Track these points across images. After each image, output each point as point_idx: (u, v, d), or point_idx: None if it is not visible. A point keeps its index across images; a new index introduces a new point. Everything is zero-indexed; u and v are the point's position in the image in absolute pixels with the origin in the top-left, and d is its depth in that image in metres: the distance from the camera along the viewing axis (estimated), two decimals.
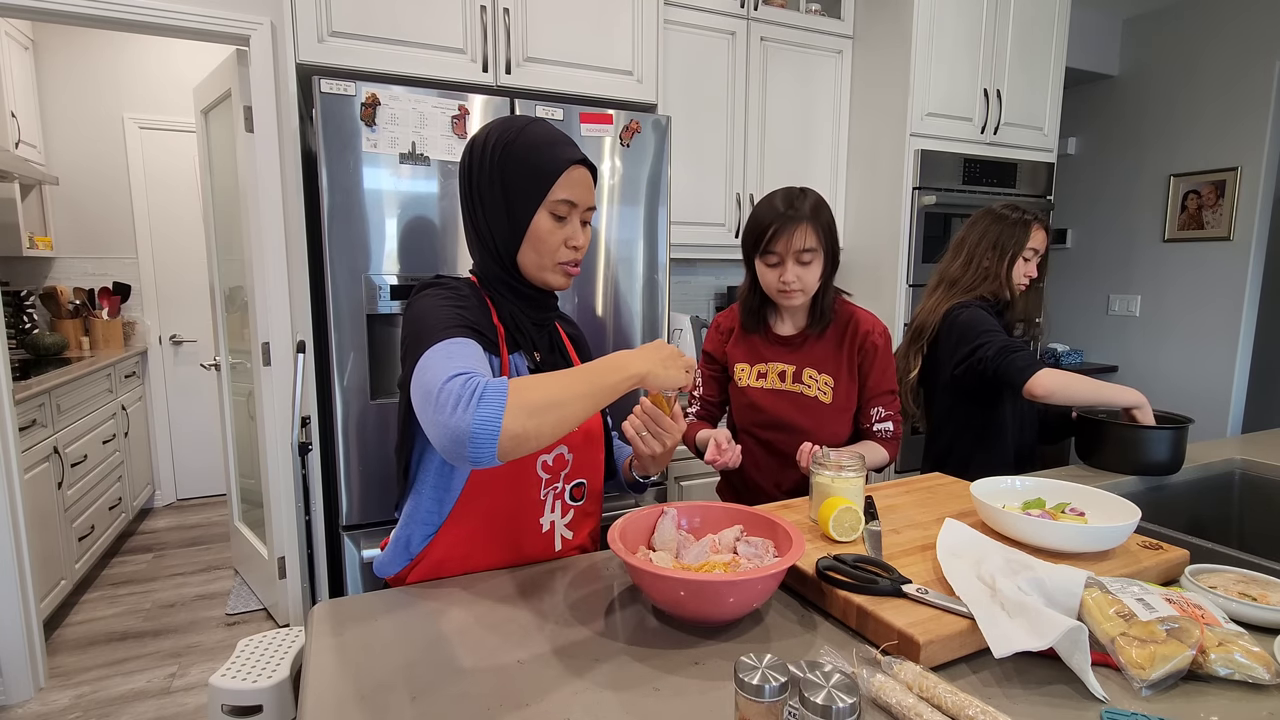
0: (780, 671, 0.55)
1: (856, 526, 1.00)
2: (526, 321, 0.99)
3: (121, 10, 1.96)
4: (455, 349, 0.81)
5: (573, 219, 0.95)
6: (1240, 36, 3.15)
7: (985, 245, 1.67)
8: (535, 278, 0.97)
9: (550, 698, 0.68)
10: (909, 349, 1.76)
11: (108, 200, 3.70)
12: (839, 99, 2.85)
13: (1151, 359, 3.56)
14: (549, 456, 1.00)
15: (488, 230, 0.95)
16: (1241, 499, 1.58)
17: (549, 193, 0.92)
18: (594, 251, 2.07)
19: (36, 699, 2.13)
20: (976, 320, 1.60)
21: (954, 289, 1.70)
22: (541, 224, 0.93)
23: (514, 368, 0.96)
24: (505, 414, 0.71)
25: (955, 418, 1.69)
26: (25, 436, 2.31)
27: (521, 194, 0.92)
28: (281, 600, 2.47)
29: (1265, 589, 0.86)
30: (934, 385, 1.73)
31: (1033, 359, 1.49)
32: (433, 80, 1.96)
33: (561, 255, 0.96)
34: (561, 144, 0.94)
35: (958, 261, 1.71)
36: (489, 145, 0.93)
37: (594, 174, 0.97)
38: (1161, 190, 3.48)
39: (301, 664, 1.02)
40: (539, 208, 0.92)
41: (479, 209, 0.95)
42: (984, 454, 1.64)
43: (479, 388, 0.73)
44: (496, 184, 0.93)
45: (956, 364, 1.60)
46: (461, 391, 0.72)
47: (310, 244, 2.02)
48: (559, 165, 0.91)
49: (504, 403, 0.72)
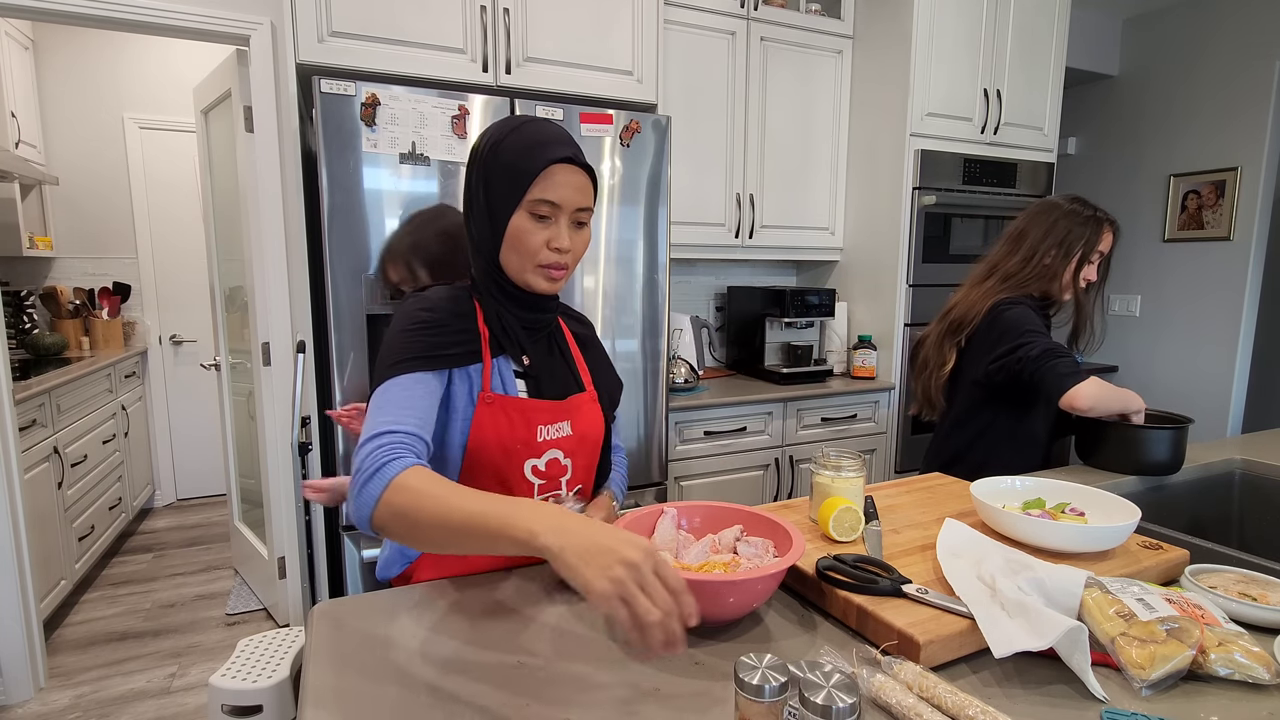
0: (780, 671, 0.55)
1: (856, 526, 1.00)
2: (515, 324, 0.97)
3: (121, 10, 1.96)
4: (396, 394, 0.85)
5: (557, 220, 0.91)
6: (1240, 36, 3.15)
7: (1051, 242, 1.55)
8: (518, 280, 0.95)
9: (550, 698, 0.68)
10: (944, 339, 1.65)
11: (108, 200, 3.70)
12: (839, 99, 2.85)
13: (1151, 359, 3.56)
14: (540, 462, 0.98)
15: (474, 230, 0.95)
16: (1241, 499, 1.58)
17: (527, 192, 0.89)
18: (594, 251, 2.07)
19: (36, 699, 2.13)
20: (1022, 319, 1.51)
21: (1007, 283, 1.58)
22: (520, 224, 0.90)
23: (497, 372, 0.95)
24: (377, 504, 0.76)
25: (981, 419, 1.59)
26: (25, 436, 2.31)
27: (500, 194, 0.91)
28: (281, 600, 2.47)
29: (1265, 589, 0.86)
30: (961, 381, 1.63)
31: (1076, 367, 1.40)
32: (433, 80, 1.96)
33: (543, 257, 0.92)
34: (550, 144, 0.90)
35: (1017, 256, 1.59)
36: (482, 146, 0.93)
37: (590, 174, 0.94)
38: (1161, 190, 3.48)
39: (301, 664, 1.02)
40: (517, 207, 0.90)
41: (470, 209, 0.95)
42: (1011, 460, 1.55)
43: (376, 466, 0.77)
44: (481, 184, 0.92)
45: (993, 360, 1.51)
46: (364, 465, 0.78)
47: (310, 244, 2.02)
48: (538, 164, 0.89)
49: (378, 496, 0.76)
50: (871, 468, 2.78)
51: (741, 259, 2.87)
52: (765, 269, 3.22)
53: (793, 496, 2.61)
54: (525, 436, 0.94)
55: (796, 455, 2.61)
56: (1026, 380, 1.46)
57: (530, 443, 0.95)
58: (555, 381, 1.00)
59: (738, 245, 2.73)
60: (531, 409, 0.95)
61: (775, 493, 2.58)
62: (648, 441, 2.24)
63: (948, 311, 1.68)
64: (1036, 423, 1.58)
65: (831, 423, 2.66)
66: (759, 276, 3.21)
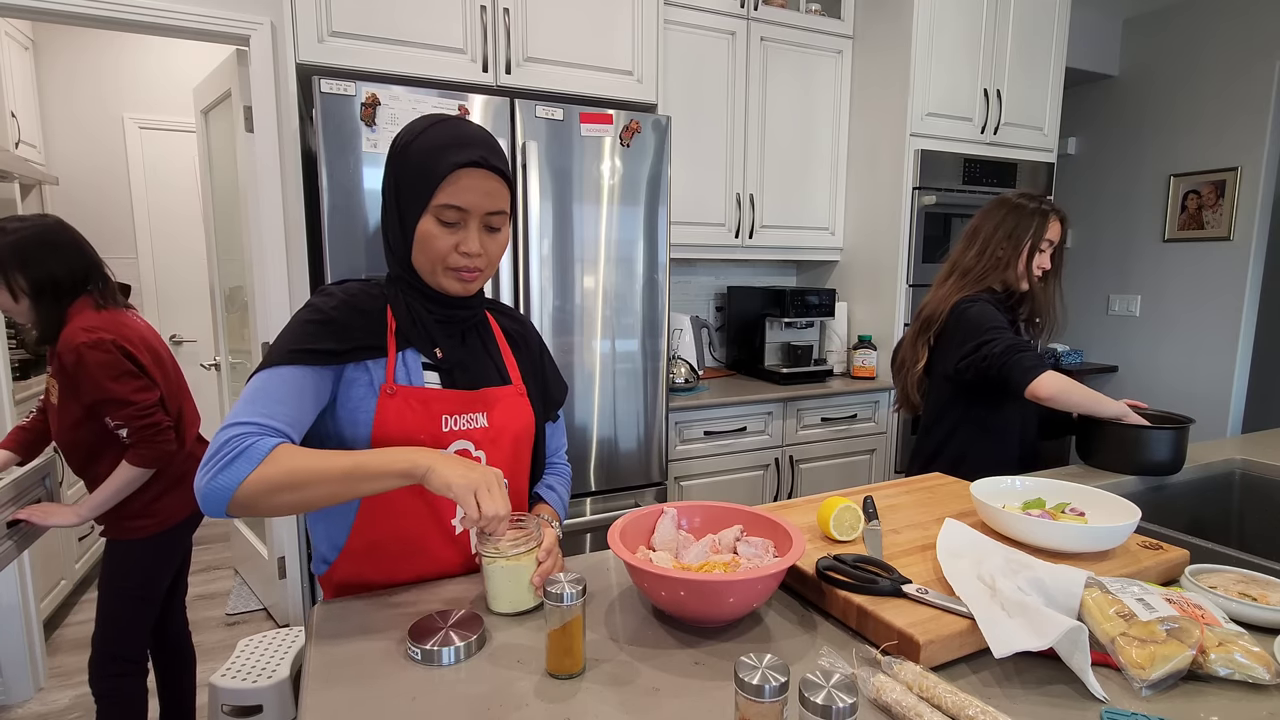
0: (780, 671, 0.55)
1: (856, 526, 1.00)
2: (427, 317, 0.94)
3: (121, 10, 1.96)
4: (273, 386, 0.83)
5: (466, 224, 0.89)
6: (1240, 36, 3.15)
7: (1001, 235, 1.63)
8: (429, 281, 0.93)
9: (550, 698, 0.68)
10: (916, 339, 1.73)
11: (108, 200, 3.70)
12: (839, 99, 2.85)
13: (1151, 359, 3.56)
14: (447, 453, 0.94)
15: (387, 231, 0.93)
16: (1241, 499, 1.58)
17: (433, 197, 0.87)
18: (594, 251, 2.07)
19: (36, 699, 2.13)
20: (984, 316, 1.57)
21: (966, 279, 1.67)
22: (427, 229, 0.88)
23: (402, 363, 0.92)
24: (242, 484, 0.75)
25: (954, 412, 1.66)
26: None
27: (407, 198, 0.89)
28: (281, 600, 2.47)
29: (1265, 589, 0.86)
30: (935, 377, 1.70)
31: (1038, 360, 1.47)
32: (433, 80, 1.96)
33: (452, 261, 0.90)
34: (457, 146, 0.87)
35: (971, 251, 1.68)
36: (395, 145, 0.91)
37: (504, 177, 0.90)
38: (1161, 190, 3.48)
39: (301, 664, 1.02)
40: (424, 212, 0.88)
41: (384, 209, 0.94)
42: (986, 451, 1.62)
43: (239, 447, 0.76)
44: (392, 185, 0.90)
45: (960, 359, 1.58)
46: (221, 450, 0.76)
47: (310, 244, 2.02)
48: (444, 169, 0.86)
49: (247, 473, 0.75)
50: (871, 468, 2.79)
51: (741, 259, 2.87)
52: (765, 269, 3.22)
53: (793, 496, 2.61)
54: (429, 427, 0.92)
55: (796, 455, 2.61)
56: (994, 376, 1.52)
57: (435, 433, 0.92)
58: (469, 373, 0.97)
59: (738, 245, 2.73)
60: (435, 398, 0.92)
61: (775, 493, 2.58)
62: (648, 441, 2.24)
63: (920, 311, 1.75)
64: (1010, 414, 1.62)
65: (831, 423, 2.66)
66: (759, 276, 3.21)
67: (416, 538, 0.94)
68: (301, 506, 0.79)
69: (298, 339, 0.86)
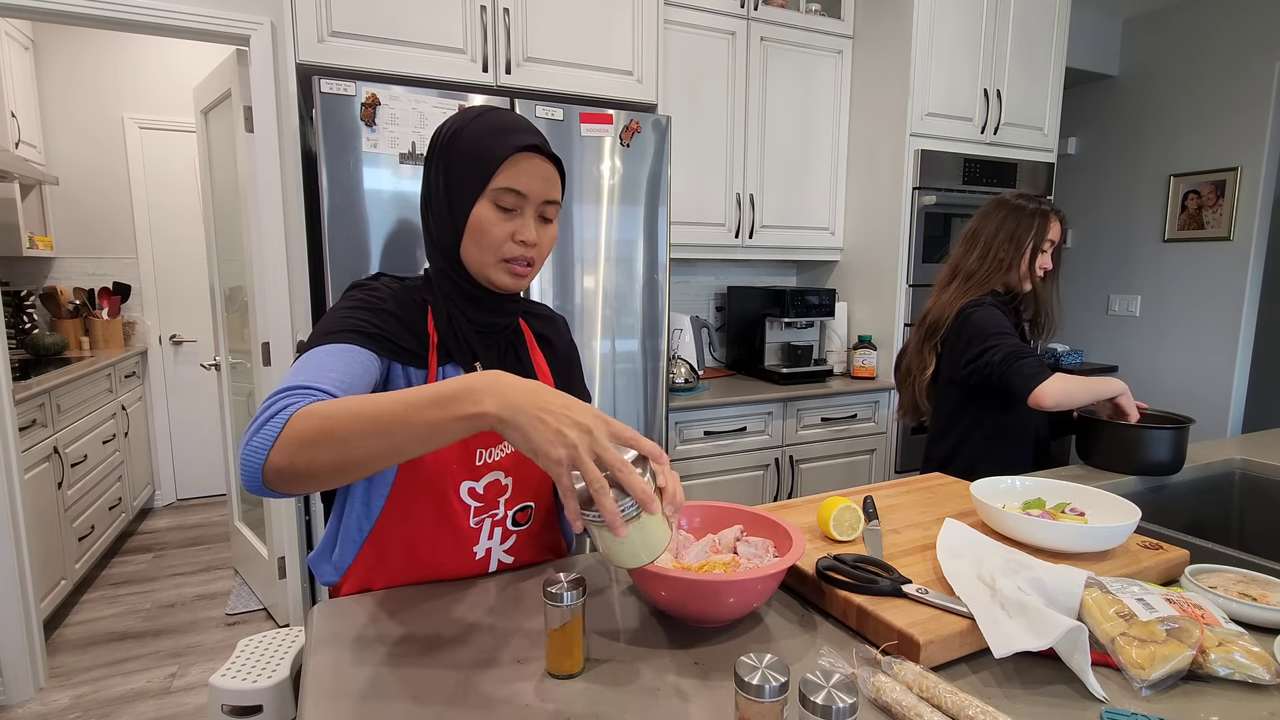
0: (780, 671, 0.55)
1: (856, 526, 1.00)
2: (467, 326, 0.89)
3: (121, 10, 1.96)
4: (318, 357, 0.75)
5: (523, 212, 0.86)
6: (1240, 36, 3.15)
7: (1002, 236, 1.62)
8: (479, 275, 0.88)
9: (550, 698, 0.68)
10: (923, 345, 1.72)
11: (108, 200, 3.70)
12: (839, 99, 2.85)
13: (1151, 359, 3.56)
14: (478, 484, 0.90)
15: (433, 223, 0.89)
16: (1241, 499, 1.58)
17: (491, 180, 0.83)
18: (594, 251, 2.07)
19: (36, 699, 2.13)
20: (988, 321, 1.56)
21: (969, 282, 1.66)
22: (483, 215, 0.84)
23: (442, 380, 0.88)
24: (274, 446, 0.63)
25: (964, 418, 1.64)
26: (25, 436, 2.31)
27: (461, 182, 0.85)
28: (281, 600, 2.47)
29: (1265, 589, 0.86)
30: (943, 383, 1.70)
31: (1040, 366, 1.45)
32: (433, 80, 1.96)
33: (507, 250, 0.86)
34: (514, 131, 0.84)
35: (974, 254, 1.66)
36: (442, 133, 0.88)
37: (558, 165, 0.88)
38: (1161, 190, 3.48)
39: (301, 664, 1.02)
40: (480, 196, 0.84)
41: (428, 201, 0.90)
42: (1001, 454, 1.60)
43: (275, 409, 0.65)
44: (441, 172, 0.86)
45: (964, 365, 1.58)
46: (261, 413, 0.65)
47: (310, 244, 2.02)
48: (503, 151, 0.83)
49: (278, 431, 0.63)
50: (871, 468, 2.79)
51: (741, 259, 2.87)
52: (765, 269, 3.22)
53: (793, 496, 2.61)
54: (463, 458, 0.88)
55: (796, 455, 2.61)
56: (996, 383, 1.51)
57: (469, 465, 0.88)
58: None
59: (738, 245, 2.73)
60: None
61: (775, 493, 2.58)
62: None
63: (923, 317, 1.74)
64: (1024, 415, 1.60)
65: (831, 423, 2.66)
66: (759, 276, 3.21)
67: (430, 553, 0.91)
68: (349, 465, 0.63)
69: (348, 320, 0.81)
